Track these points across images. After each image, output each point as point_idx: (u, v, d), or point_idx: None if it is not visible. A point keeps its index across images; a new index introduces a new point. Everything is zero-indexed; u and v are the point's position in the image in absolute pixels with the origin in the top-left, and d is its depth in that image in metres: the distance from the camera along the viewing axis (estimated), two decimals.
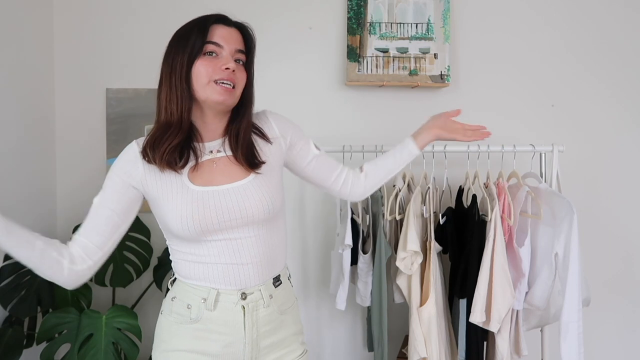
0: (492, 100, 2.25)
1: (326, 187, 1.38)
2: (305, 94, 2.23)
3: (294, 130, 1.30)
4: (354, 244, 1.87)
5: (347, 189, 1.39)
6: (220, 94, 1.12)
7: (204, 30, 1.12)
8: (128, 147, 1.19)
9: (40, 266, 1.08)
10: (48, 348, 1.71)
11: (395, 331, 2.13)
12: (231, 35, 1.16)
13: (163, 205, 1.14)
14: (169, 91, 1.13)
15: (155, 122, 1.18)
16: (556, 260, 1.72)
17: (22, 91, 1.96)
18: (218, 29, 1.14)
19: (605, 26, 2.25)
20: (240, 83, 1.17)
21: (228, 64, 1.12)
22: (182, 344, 1.18)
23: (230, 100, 1.15)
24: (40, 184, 2.09)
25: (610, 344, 2.28)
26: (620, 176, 2.27)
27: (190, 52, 1.11)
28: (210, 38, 1.13)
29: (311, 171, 1.34)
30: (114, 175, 1.16)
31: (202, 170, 1.16)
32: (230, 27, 1.17)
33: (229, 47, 1.14)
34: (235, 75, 1.14)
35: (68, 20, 2.17)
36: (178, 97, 1.12)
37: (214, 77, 1.12)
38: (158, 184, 1.15)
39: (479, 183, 1.85)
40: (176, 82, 1.12)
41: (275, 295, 1.22)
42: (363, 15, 2.16)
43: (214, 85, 1.12)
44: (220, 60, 1.13)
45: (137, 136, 1.23)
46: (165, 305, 1.24)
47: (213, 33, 1.13)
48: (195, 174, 1.16)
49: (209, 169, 1.17)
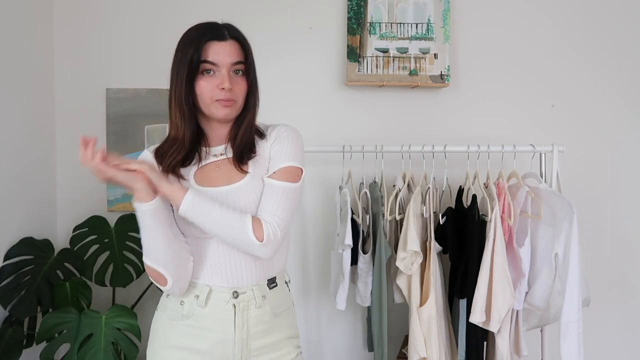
0: (492, 100, 2.24)
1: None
2: (305, 94, 2.23)
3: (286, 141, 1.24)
4: (354, 244, 1.87)
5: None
6: (222, 111, 1.17)
7: (199, 49, 1.14)
8: (144, 155, 1.24)
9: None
10: (48, 348, 1.71)
11: (395, 331, 2.13)
12: (225, 50, 1.16)
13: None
14: (173, 103, 1.17)
15: (169, 129, 1.23)
16: (556, 260, 1.72)
17: (22, 91, 1.96)
18: (213, 46, 1.15)
19: (606, 26, 2.25)
20: (240, 95, 1.19)
21: (224, 83, 1.14)
22: (174, 341, 1.21)
23: (233, 114, 1.20)
24: (40, 184, 2.09)
25: (610, 344, 2.28)
26: (620, 176, 2.27)
27: (189, 71, 1.14)
28: (205, 57, 1.14)
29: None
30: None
31: (206, 173, 1.22)
32: (224, 41, 1.16)
33: (225, 62, 1.15)
34: (233, 90, 1.16)
35: (68, 20, 2.17)
36: (180, 112, 1.17)
37: (215, 97, 1.16)
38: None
39: (479, 183, 1.85)
40: (177, 97, 1.16)
41: (268, 297, 1.23)
42: (363, 15, 2.16)
43: (216, 104, 1.16)
44: (217, 78, 1.15)
45: (137, 136, 1.26)
46: (161, 302, 1.28)
47: (207, 51, 1.14)
48: (200, 176, 1.21)
49: (212, 171, 1.22)
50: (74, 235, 2.00)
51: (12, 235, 1.89)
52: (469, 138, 2.06)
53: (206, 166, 1.23)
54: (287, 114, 1.32)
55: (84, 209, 2.12)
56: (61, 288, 1.84)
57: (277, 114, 1.33)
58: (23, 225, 1.95)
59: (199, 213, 1.12)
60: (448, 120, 2.24)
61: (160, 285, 1.17)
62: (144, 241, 1.15)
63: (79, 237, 1.99)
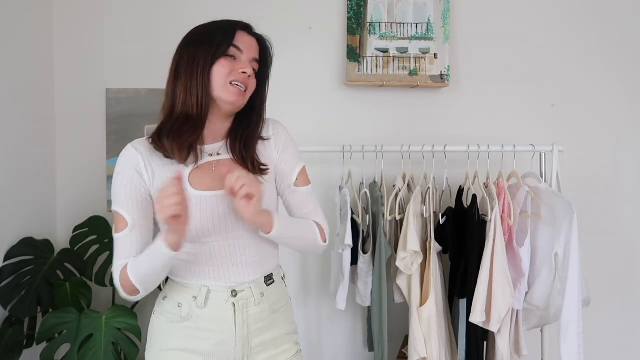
0: (492, 100, 2.24)
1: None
2: (305, 93, 2.23)
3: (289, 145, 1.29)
4: (354, 244, 1.87)
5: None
6: (233, 95, 1.16)
7: (231, 34, 1.17)
8: (127, 155, 1.17)
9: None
10: (48, 348, 1.71)
11: (395, 331, 2.13)
12: (252, 43, 1.21)
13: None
14: (189, 84, 1.15)
15: (166, 114, 1.18)
16: (556, 260, 1.72)
17: (22, 91, 1.96)
18: (242, 35, 1.19)
19: (605, 26, 2.24)
20: (251, 88, 1.21)
21: (246, 68, 1.17)
22: (174, 343, 1.19)
23: (240, 102, 1.19)
24: (40, 184, 2.09)
25: (610, 344, 2.28)
26: (620, 176, 2.27)
27: (215, 50, 1.15)
28: (235, 42, 1.17)
29: (283, 200, 1.32)
30: (126, 190, 1.14)
31: (201, 173, 1.18)
32: (252, 36, 1.22)
33: (248, 53, 1.19)
34: (249, 80, 1.19)
35: (68, 20, 2.17)
36: (199, 92, 1.14)
37: (230, 79, 1.16)
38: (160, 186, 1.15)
39: (479, 183, 1.85)
40: (198, 76, 1.14)
41: (266, 294, 1.23)
42: (363, 15, 2.16)
43: (229, 86, 1.16)
44: (239, 63, 1.17)
45: (137, 136, 1.23)
46: (157, 305, 1.26)
47: (238, 38, 1.18)
48: (195, 177, 1.17)
49: (208, 172, 1.18)
50: (74, 235, 2.00)
51: (12, 235, 1.89)
52: (469, 138, 2.06)
53: (202, 167, 1.18)
54: (287, 114, 1.32)
55: (84, 209, 2.12)
56: (61, 288, 1.84)
57: (277, 114, 1.33)
58: (23, 225, 1.95)
59: (286, 231, 1.20)
60: (448, 120, 2.24)
61: (126, 294, 1.14)
62: (143, 272, 1.11)
63: (79, 237, 1.99)
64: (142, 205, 1.15)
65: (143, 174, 1.15)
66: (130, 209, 1.14)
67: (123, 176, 1.15)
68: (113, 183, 1.16)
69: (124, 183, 1.14)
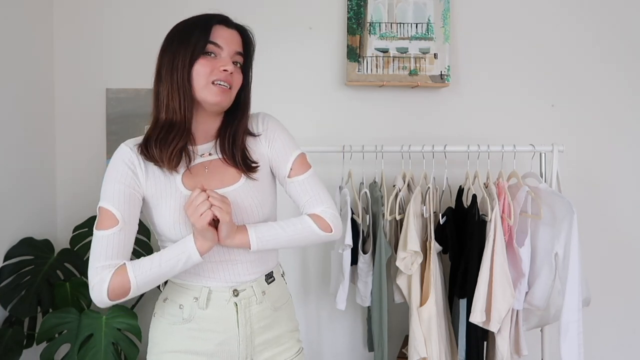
0: (492, 100, 2.24)
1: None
2: (305, 93, 2.23)
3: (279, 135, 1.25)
4: (354, 244, 1.87)
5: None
6: (217, 95, 1.13)
7: (207, 30, 1.13)
8: (121, 153, 1.15)
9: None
10: (48, 348, 1.71)
11: (395, 331, 2.13)
12: (232, 37, 1.16)
13: (156, 209, 1.14)
14: (170, 88, 1.12)
15: (153, 119, 1.16)
16: (556, 260, 1.72)
17: (22, 91, 1.96)
18: (219, 30, 1.15)
19: (606, 26, 2.24)
20: (236, 84, 1.17)
21: (226, 65, 1.13)
22: (176, 345, 1.18)
23: (225, 102, 1.16)
24: (40, 184, 2.09)
25: (610, 344, 2.28)
26: (620, 176, 2.27)
27: (193, 50, 1.11)
28: (212, 38, 1.13)
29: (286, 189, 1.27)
30: (119, 186, 1.11)
31: (194, 174, 1.16)
32: (231, 28, 1.17)
33: (228, 48, 1.15)
34: (232, 77, 1.15)
35: (68, 20, 2.17)
36: (180, 96, 1.11)
37: (212, 78, 1.12)
38: (154, 187, 1.15)
39: (479, 183, 1.85)
40: (178, 80, 1.11)
41: (268, 292, 1.23)
42: (363, 15, 2.16)
43: (211, 86, 1.12)
44: (219, 61, 1.13)
45: (137, 136, 1.23)
46: (158, 308, 1.24)
47: (215, 34, 1.14)
48: (188, 178, 1.16)
49: (201, 172, 1.17)
50: (74, 235, 2.00)
51: (12, 235, 1.89)
52: (469, 138, 2.06)
53: (194, 167, 1.16)
54: (287, 114, 1.32)
55: (84, 209, 2.12)
56: (61, 288, 1.84)
57: (277, 114, 1.33)
58: (23, 225, 1.95)
59: (268, 243, 1.15)
60: (448, 120, 2.24)
61: (107, 299, 1.09)
62: (154, 275, 1.08)
63: (79, 237, 1.99)
64: (133, 204, 1.12)
65: (138, 173, 1.13)
66: (122, 207, 1.10)
67: (117, 172, 1.13)
68: (105, 179, 1.13)
69: (118, 179, 1.12)
